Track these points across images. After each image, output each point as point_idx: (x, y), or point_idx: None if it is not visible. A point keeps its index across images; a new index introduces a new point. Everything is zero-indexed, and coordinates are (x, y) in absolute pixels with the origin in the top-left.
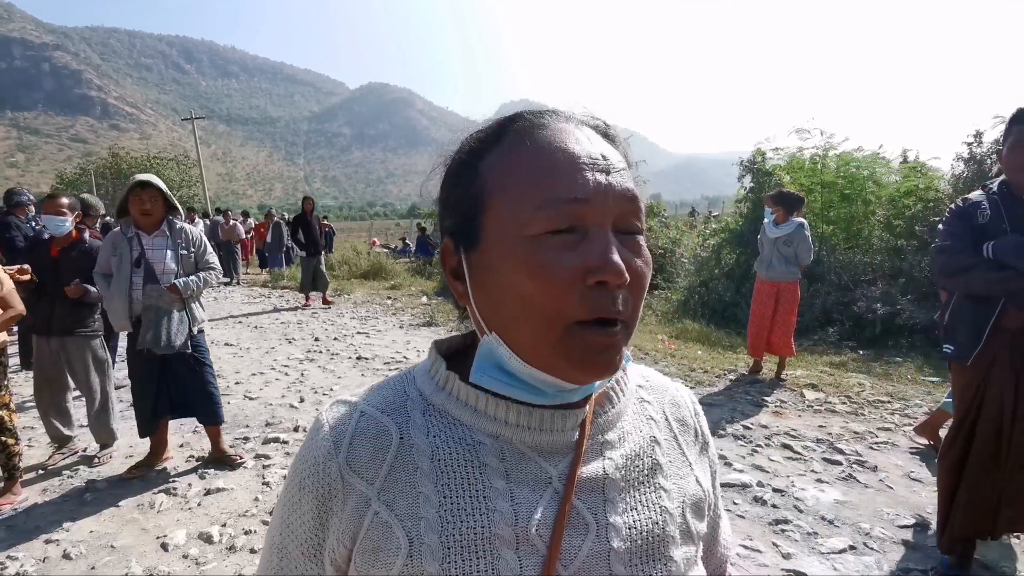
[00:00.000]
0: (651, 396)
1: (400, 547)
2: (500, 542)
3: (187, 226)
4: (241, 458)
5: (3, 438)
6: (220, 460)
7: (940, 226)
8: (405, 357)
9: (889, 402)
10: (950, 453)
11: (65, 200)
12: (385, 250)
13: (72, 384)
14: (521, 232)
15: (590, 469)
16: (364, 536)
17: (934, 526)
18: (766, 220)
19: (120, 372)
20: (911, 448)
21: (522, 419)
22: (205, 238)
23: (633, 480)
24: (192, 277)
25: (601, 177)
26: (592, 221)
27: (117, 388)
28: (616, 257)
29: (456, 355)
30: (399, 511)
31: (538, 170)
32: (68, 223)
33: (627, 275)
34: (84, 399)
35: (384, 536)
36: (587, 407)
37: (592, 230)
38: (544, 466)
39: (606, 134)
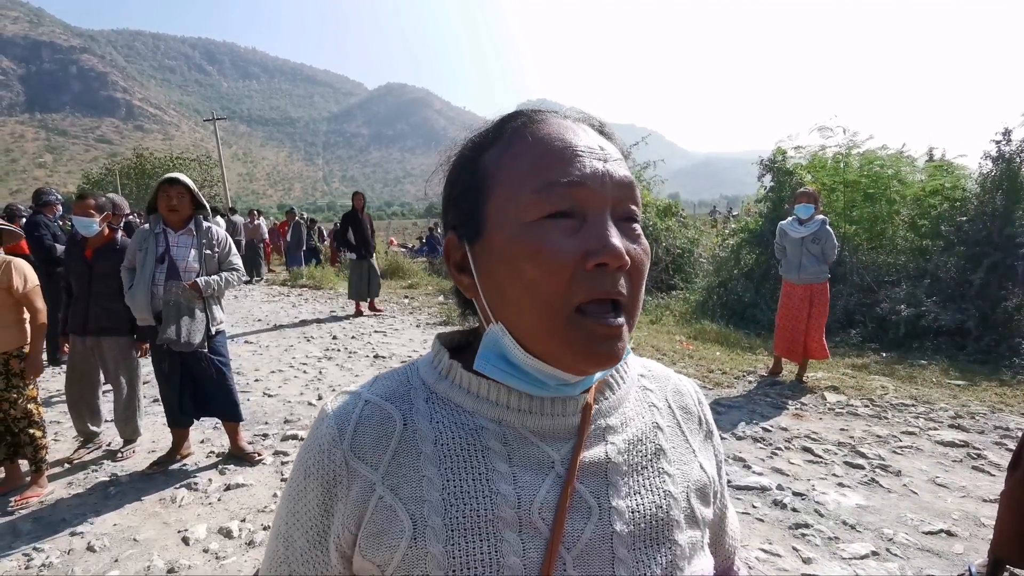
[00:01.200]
0: (653, 384)
1: (404, 530)
2: (503, 524)
3: (214, 227)
4: (260, 455)
5: (32, 431)
6: (238, 456)
7: None
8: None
9: (913, 405)
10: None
11: (93, 201)
12: (403, 249)
13: (103, 379)
14: (521, 218)
15: (592, 453)
16: (369, 520)
17: (960, 533)
18: (783, 223)
19: (145, 368)
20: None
21: (524, 403)
22: (231, 239)
23: (636, 464)
24: (214, 276)
25: (599, 164)
26: (590, 206)
27: (143, 384)
28: (616, 240)
29: (458, 349)
30: (403, 495)
31: (537, 158)
32: (96, 224)
33: (627, 258)
34: (112, 394)
35: (388, 520)
36: (589, 391)
37: (591, 215)
38: (546, 450)
39: (602, 131)
